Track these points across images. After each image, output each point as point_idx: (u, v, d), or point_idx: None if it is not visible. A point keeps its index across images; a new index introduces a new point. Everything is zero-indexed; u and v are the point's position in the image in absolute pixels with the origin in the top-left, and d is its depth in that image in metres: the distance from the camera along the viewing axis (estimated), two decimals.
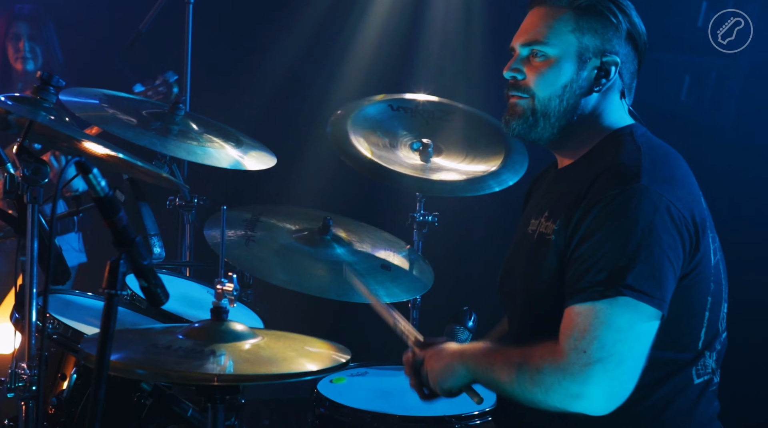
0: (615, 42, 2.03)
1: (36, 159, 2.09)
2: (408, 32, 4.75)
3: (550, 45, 2.02)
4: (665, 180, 1.92)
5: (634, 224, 1.85)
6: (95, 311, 2.76)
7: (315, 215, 3.20)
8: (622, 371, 1.82)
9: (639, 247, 1.83)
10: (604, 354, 1.80)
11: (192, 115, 3.19)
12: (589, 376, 1.80)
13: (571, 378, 1.81)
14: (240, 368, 2.00)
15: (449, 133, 3.47)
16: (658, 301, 1.83)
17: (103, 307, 1.65)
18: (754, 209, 3.85)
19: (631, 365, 1.82)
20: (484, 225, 4.48)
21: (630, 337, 1.82)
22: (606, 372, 1.80)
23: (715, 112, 4.14)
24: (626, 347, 1.82)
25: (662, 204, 1.87)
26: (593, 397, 1.81)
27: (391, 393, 2.88)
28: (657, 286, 1.83)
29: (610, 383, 1.81)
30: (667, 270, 1.85)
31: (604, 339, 1.81)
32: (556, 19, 2.03)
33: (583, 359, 1.81)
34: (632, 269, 1.82)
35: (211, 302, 2.15)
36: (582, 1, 2.02)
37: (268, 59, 4.76)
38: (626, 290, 1.81)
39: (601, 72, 2.03)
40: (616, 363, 1.81)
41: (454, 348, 2.09)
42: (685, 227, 1.90)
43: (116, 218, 1.67)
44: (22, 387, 2.10)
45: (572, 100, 2.04)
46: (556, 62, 2.02)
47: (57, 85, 2.16)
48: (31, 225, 2.10)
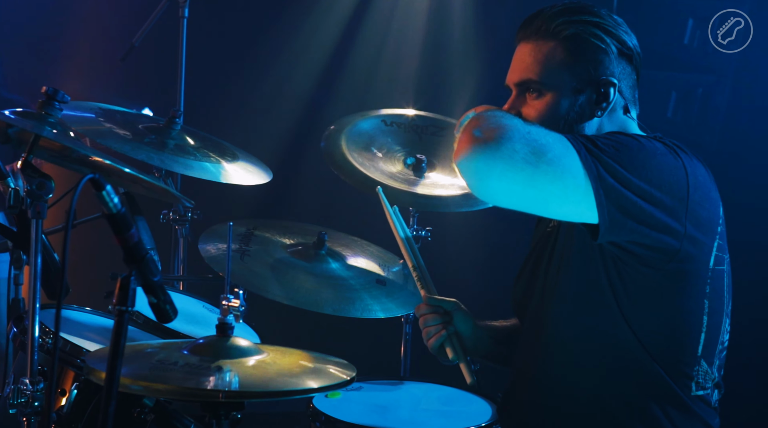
0: (608, 64, 2.02)
1: (40, 174, 2.09)
2: (402, 47, 4.77)
3: (544, 83, 2.02)
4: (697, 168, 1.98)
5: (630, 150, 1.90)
6: (93, 327, 2.75)
7: (310, 230, 3.21)
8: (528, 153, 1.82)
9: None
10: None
11: (187, 129, 3.19)
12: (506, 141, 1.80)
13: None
14: (245, 384, 2.00)
15: (443, 148, 3.49)
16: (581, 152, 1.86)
17: (114, 324, 1.65)
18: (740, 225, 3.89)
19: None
20: (477, 241, 4.49)
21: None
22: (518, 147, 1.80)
23: (702, 128, 4.18)
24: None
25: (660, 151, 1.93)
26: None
27: (386, 408, 2.88)
28: (599, 167, 1.85)
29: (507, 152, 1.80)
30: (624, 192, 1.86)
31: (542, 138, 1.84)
32: (545, 54, 2.02)
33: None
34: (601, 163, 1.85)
35: (215, 317, 2.15)
36: (567, 32, 2.01)
37: (263, 74, 4.77)
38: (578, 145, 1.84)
39: (601, 97, 2.03)
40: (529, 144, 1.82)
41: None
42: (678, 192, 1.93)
43: (128, 235, 1.67)
44: (24, 403, 2.09)
45: (572, 129, 2.03)
46: (552, 98, 2.02)
47: (62, 100, 2.16)
48: (35, 240, 2.09)
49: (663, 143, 1.97)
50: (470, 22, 4.63)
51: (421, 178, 3.40)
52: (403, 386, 3.09)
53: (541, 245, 2.17)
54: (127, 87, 4.53)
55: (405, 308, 3.11)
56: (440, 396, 2.99)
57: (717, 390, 2.06)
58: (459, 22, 4.66)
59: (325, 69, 4.77)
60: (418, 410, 2.88)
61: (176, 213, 3.61)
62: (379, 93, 4.67)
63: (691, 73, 4.15)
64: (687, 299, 1.96)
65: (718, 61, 4.02)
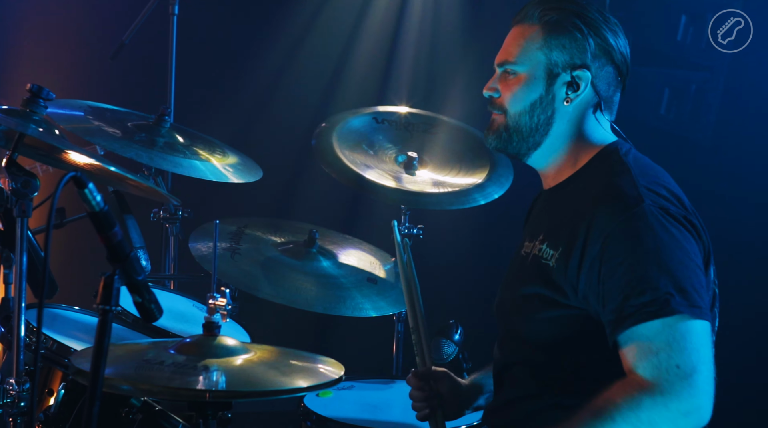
0: (585, 56, 2.04)
1: (25, 172, 2.07)
2: (393, 45, 4.76)
3: (519, 63, 2.08)
4: (664, 197, 1.93)
5: (657, 243, 1.84)
6: (81, 325, 2.73)
7: (300, 228, 3.19)
8: (712, 375, 1.78)
9: (670, 262, 1.83)
10: (697, 361, 1.76)
11: (177, 127, 3.17)
12: (694, 387, 1.75)
13: (677, 397, 1.75)
14: (233, 383, 1.98)
15: (434, 146, 3.48)
16: (703, 311, 1.81)
17: (98, 323, 1.63)
18: (733, 223, 3.89)
19: (713, 368, 1.79)
20: (469, 238, 4.48)
21: (707, 342, 1.81)
22: (706, 378, 1.76)
23: (695, 125, 4.17)
24: (707, 351, 1.80)
25: (670, 217, 1.89)
26: (703, 406, 1.76)
27: (377, 407, 2.88)
28: (700, 297, 1.82)
29: (710, 386, 1.77)
30: (701, 278, 1.86)
31: (694, 346, 1.78)
32: (526, 37, 2.08)
33: (680, 374, 1.76)
34: (674, 287, 1.80)
35: (203, 316, 2.13)
36: (550, 17, 2.06)
37: (254, 71, 4.76)
38: (679, 307, 1.79)
39: (572, 86, 2.05)
40: (708, 366, 1.78)
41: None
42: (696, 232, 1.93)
43: (111, 233, 1.65)
44: (10, 403, 2.07)
45: (543, 115, 2.07)
46: (526, 80, 2.07)
47: (47, 97, 2.14)
48: (21, 239, 2.07)
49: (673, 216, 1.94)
50: (462, 20, 4.62)
51: (412, 175, 3.38)
52: (395, 384, 3.08)
53: (518, 266, 2.16)
54: (117, 85, 4.51)
55: (396, 306, 3.10)
56: None
57: None
58: (450, 19, 4.66)
59: (316, 66, 4.75)
60: (409, 409, 2.85)
61: (167, 212, 3.59)
62: (371, 90, 4.65)
63: (685, 70, 4.15)
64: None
65: (712, 57, 4.02)
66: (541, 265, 2.00)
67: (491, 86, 2.13)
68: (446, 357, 2.98)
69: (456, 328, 3.00)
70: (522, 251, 2.13)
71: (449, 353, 2.98)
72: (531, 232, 2.13)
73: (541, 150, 2.10)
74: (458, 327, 3.00)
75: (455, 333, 3.00)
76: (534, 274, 2.02)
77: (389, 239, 3.42)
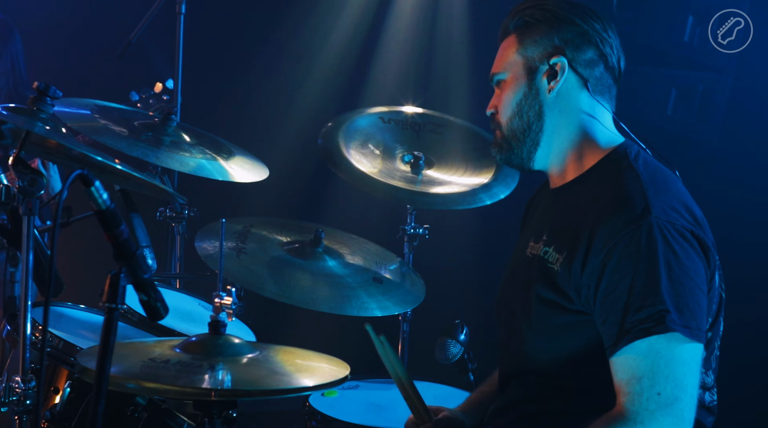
0: (557, 43, 2.06)
1: (32, 170, 2.07)
2: (400, 45, 4.76)
3: (502, 71, 2.14)
4: (672, 207, 1.92)
5: (658, 257, 1.84)
6: (87, 324, 2.74)
7: (306, 227, 3.19)
8: (694, 402, 1.80)
9: (670, 280, 1.83)
10: (680, 390, 1.78)
11: (184, 126, 3.18)
12: (674, 416, 1.78)
13: (658, 425, 1.77)
14: (238, 382, 1.98)
15: (440, 146, 3.48)
16: (696, 332, 1.82)
17: (104, 321, 1.63)
18: (741, 223, 3.88)
19: (695, 395, 1.82)
20: (475, 238, 4.48)
21: (694, 368, 1.82)
22: (687, 406, 1.79)
23: (702, 125, 4.16)
24: (693, 378, 1.81)
25: (676, 232, 1.87)
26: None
27: (382, 407, 2.88)
28: (694, 317, 1.82)
29: (691, 414, 1.79)
30: (700, 298, 1.85)
31: (677, 374, 1.79)
32: (506, 47, 2.14)
33: (661, 402, 1.78)
34: (671, 304, 1.80)
35: (209, 315, 2.13)
36: (520, 21, 2.11)
37: (260, 71, 4.76)
38: (673, 324, 1.79)
39: (552, 74, 2.07)
40: (691, 393, 1.80)
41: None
42: (701, 248, 1.91)
43: (117, 231, 1.65)
44: (16, 401, 2.07)
45: (531, 112, 2.09)
46: (510, 83, 2.12)
47: (54, 95, 2.14)
48: (27, 237, 2.07)
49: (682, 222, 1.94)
50: (468, 20, 4.62)
51: (418, 175, 3.38)
52: None
53: (523, 267, 2.15)
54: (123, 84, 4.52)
55: (402, 306, 3.09)
56: (437, 394, 2.98)
57: (709, 391, 2.05)
58: (457, 19, 4.66)
59: (323, 66, 4.76)
60: None
61: (173, 210, 3.60)
62: (377, 90, 4.66)
63: (692, 71, 4.14)
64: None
65: (719, 58, 4.01)
66: (547, 269, 2.00)
67: (491, 105, 2.18)
68: (451, 356, 2.98)
69: (461, 328, 3.00)
70: (528, 251, 2.12)
71: (455, 353, 2.98)
72: (535, 231, 2.12)
73: (541, 149, 2.10)
74: (463, 327, 3.00)
75: (460, 332, 3.00)
76: (539, 277, 2.02)
77: (394, 239, 3.44)
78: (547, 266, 2.00)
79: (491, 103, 2.18)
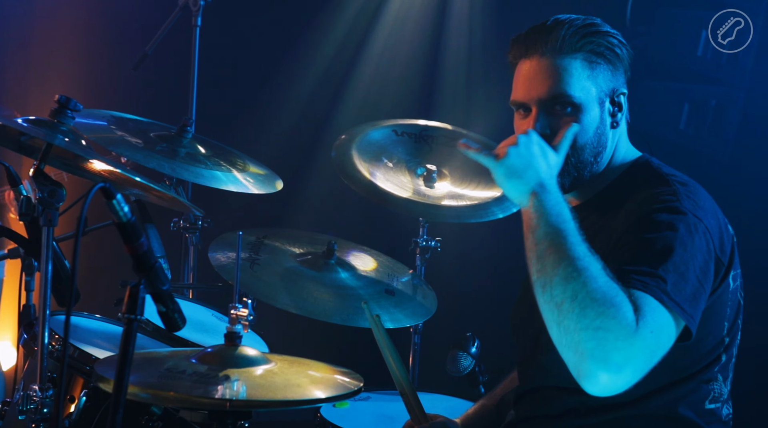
0: (621, 76, 2.08)
1: (52, 182, 2.10)
2: (414, 58, 4.78)
3: (575, 96, 2.01)
4: (699, 207, 1.94)
5: (678, 238, 1.83)
6: (103, 333, 2.76)
7: (319, 239, 3.21)
8: (645, 361, 1.72)
9: (682, 261, 1.81)
10: (657, 346, 1.73)
11: (199, 137, 3.20)
12: (641, 340, 1.70)
13: (624, 338, 1.68)
14: (253, 393, 2.00)
15: (453, 159, 3.48)
16: (688, 317, 1.80)
17: (123, 332, 1.65)
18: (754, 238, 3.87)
19: (649, 361, 1.74)
20: (487, 252, 4.49)
21: (672, 338, 1.78)
22: (649, 345, 1.71)
23: (714, 140, 4.16)
24: (662, 351, 1.76)
25: (701, 230, 1.89)
26: (634, 360, 1.69)
27: (393, 418, 2.88)
28: (690, 303, 1.80)
29: (647, 356, 1.71)
30: (700, 292, 1.84)
31: (663, 339, 1.74)
32: (572, 67, 2.02)
33: (649, 341, 1.71)
34: (672, 280, 1.78)
35: (224, 326, 2.15)
36: (593, 45, 2.02)
37: (275, 83, 4.79)
38: (665, 296, 1.76)
39: (615, 108, 2.07)
40: (652, 347, 1.73)
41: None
42: (716, 256, 1.92)
43: (137, 244, 1.68)
44: (33, 409, 2.10)
45: (599, 145, 2.06)
46: (584, 112, 2.02)
47: (74, 108, 2.17)
48: (46, 248, 2.10)
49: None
50: (483, 33, 4.63)
51: (431, 188, 3.40)
52: None
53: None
54: (139, 95, 4.56)
55: (413, 318, 3.11)
56: (447, 406, 2.98)
57: (725, 404, 2.06)
58: (472, 32, 4.67)
59: (337, 78, 4.78)
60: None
61: (187, 221, 3.62)
62: (391, 103, 4.68)
63: (705, 85, 4.14)
64: (711, 324, 1.97)
65: (732, 73, 4.01)
66: None
67: (541, 124, 2.02)
68: (463, 369, 2.98)
69: (473, 341, 3.00)
70: None
71: (466, 365, 2.98)
72: None
73: (588, 178, 2.09)
74: (475, 340, 3.00)
75: (472, 345, 3.00)
76: None
77: (407, 251, 3.45)
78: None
79: (541, 122, 2.02)
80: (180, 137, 3.09)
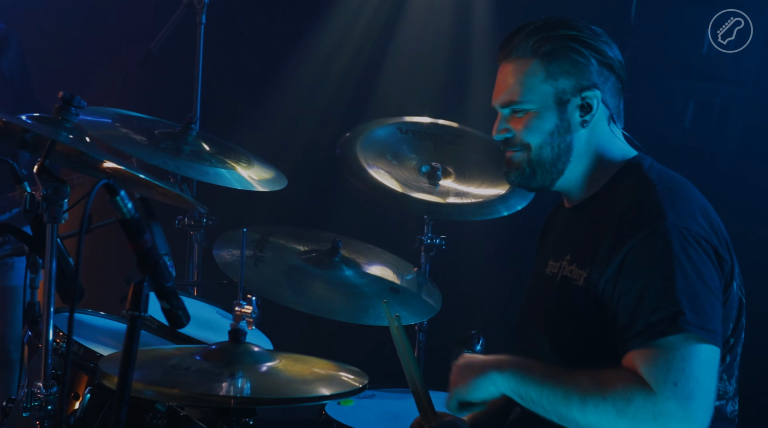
0: (589, 75, 2.04)
1: (56, 179, 2.10)
2: (418, 54, 4.78)
3: (526, 101, 2.05)
4: (688, 214, 1.93)
5: (673, 262, 1.84)
6: (107, 331, 2.76)
7: (324, 237, 3.21)
8: (710, 404, 1.78)
9: (686, 283, 1.83)
10: (695, 388, 1.76)
11: (203, 135, 3.20)
12: (690, 412, 1.75)
13: (668, 414, 1.74)
14: (257, 390, 2.00)
15: (458, 156, 3.48)
16: (713, 335, 1.81)
17: (127, 329, 1.65)
18: (759, 236, 3.87)
19: (712, 398, 1.79)
20: (492, 249, 4.49)
21: (711, 369, 1.80)
22: (702, 406, 1.76)
23: (720, 138, 4.16)
24: (710, 379, 1.79)
25: (692, 238, 1.88)
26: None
27: (398, 416, 2.88)
28: (710, 320, 1.82)
29: (706, 415, 1.76)
30: (715, 303, 1.85)
31: (695, 371, 1.77)
32: (525, 73, 2.05)
33: (678, 392, 1.75)
34: (686, 306, 1.80)
35: (228, 323, 2.15)
36: (546, 47, 2.03)
37: (279, 80, 4.79)
38: (688, 325, 1.78)
39: (584, 108, 2.05)
40: (706, 394, 1.77)
41: (488, 357, 2.03)
42: (716, 257, 1.92)
43: (141, 240, 1.68)
44: (38, 406, 2.09)
45: (562, 143, 2.06)
46: (538, 114, 2.05)
47: (78, 105, 2.17)
48: (50, 245, 2.10)
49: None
50: (488, 30, 4.63)
51: (436, 186, 3.40)
52: None
53: (543, 286, 2.15)
54: (144, 93, 4.56)
55: (419, 316, 3.11)
56: None
57: (731, 401, 2.05)
58: (477, 29, 4.67)
59: (342, 76, 4.78)
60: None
61: (191, 219, 3.62)
62: (395, 101, 4.67)
63: (710, 83, 4.14)
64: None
65: (737, 71, 4.01)
66: (571, 286, 2.01)
67: (502, 128, 2.10)
68: None
69: (477, 339, 2.99)
70: (547, 270, 2.12)
71: None
72: (554, 251, 2.13)
73: (564, 176, 2.10)
74: (479, 338, 2.99)
75: (477, 343, 2.98)
76: (562, 295, 2.03)
77: (411, 249, 3.45)
78: (572, 283, 2.01)
79: (501, 126, 2.10)
80: (184, 134, 3.08)
